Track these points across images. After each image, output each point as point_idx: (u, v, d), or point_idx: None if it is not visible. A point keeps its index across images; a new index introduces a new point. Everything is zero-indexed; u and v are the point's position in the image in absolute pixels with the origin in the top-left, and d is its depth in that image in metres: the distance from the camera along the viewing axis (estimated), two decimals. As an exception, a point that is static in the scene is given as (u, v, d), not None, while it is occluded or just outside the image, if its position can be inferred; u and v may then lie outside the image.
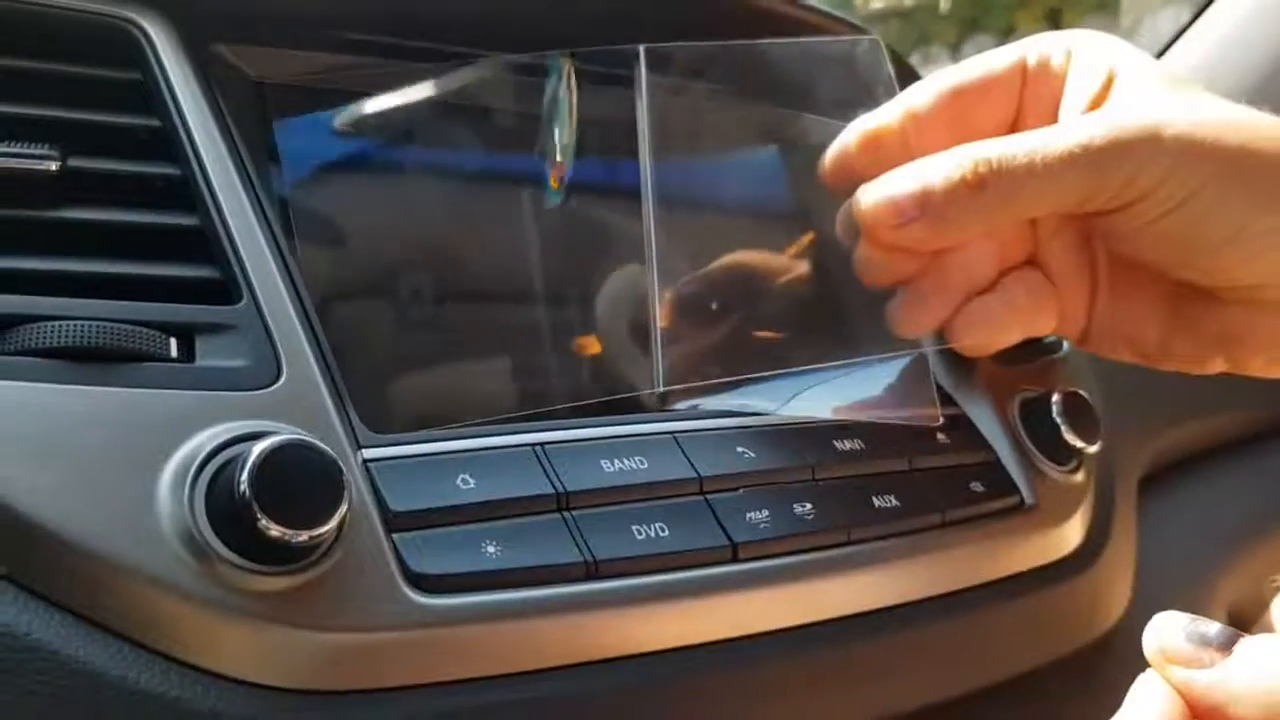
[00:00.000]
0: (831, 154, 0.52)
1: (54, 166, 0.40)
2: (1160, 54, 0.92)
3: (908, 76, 0.56)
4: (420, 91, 0.51)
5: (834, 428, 0.49)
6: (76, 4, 0.43)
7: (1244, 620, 0.78)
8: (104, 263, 0.40)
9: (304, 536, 0.34)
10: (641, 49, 0.52)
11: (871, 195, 0.49)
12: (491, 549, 0.39)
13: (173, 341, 0.39)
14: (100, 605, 0.34)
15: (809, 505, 0.46)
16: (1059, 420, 0.54)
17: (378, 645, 0.36)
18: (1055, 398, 0.55)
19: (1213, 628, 0.34)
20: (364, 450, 0.39)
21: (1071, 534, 0.55)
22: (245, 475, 0.34)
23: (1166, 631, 0.34)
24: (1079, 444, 0.54)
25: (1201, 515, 0.75)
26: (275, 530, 0.34)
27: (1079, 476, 0.55)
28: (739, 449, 0.46)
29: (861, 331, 0.54)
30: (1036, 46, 0.52)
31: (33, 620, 0.34)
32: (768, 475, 0.46)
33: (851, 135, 0.52)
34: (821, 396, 0.51)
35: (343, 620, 0.36)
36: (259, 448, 0.34)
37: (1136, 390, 0.64)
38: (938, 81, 0.52)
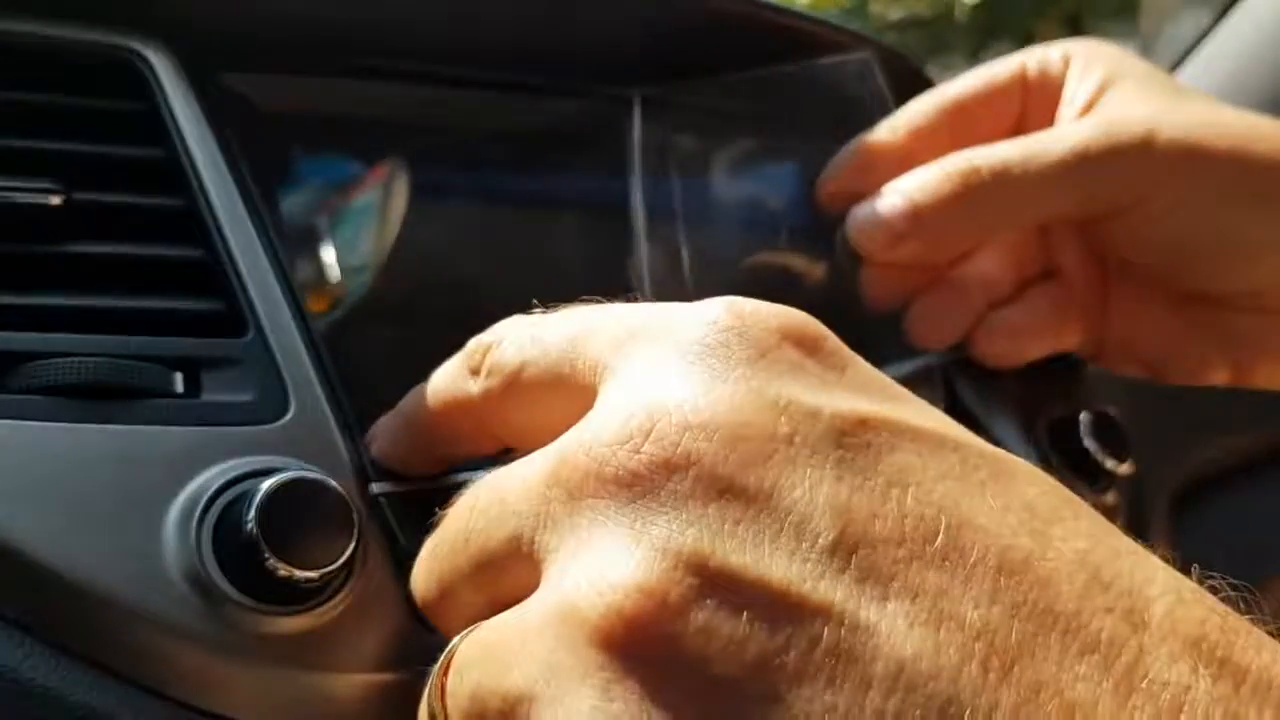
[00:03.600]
0: (827, 175, 0.51)
1: (58, 200, 0.39)
2: (1180, 61, 0.91)
3: (926, 87, 0.55)
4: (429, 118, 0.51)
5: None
6: (79, 35, 0.43)
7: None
8: (108, 297, 0.39)
9: (313, 575, 0.33)
10: (637, 99, 0.52)
11: (862, 216, 0.48)
12: (505, 585, 0.38)
13: (178, 376, 0.38)
14: (105, 648, 0.33)
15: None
16: (1088, 441, 0.53)
17: (390, 686, 0.35)
18: (1083, 417, 0.53)
19: None
20: (374, 485, 0.38)
21: (1103, 557, 0.53)
22: (252, 513, 0.33)
23: None
24: (1110, 465, 0.53)
25: (1235, 533, 0.74)
26: (283, 570, 0.33)
27: (1110, 498, 0.54)
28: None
29: (881, 342, 0.53)
30: (1036, 56, 0.51)
31: (37, 663, 0.33)
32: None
33: (846, 155, 0.51)
34: None
35: (353, 661, 0.35)
36: (266, 485, 0.34)
37: (1166, 407, 0.63)
38: (939, 95, 0.51)
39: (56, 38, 0.42)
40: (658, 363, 0.28)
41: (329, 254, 0.49)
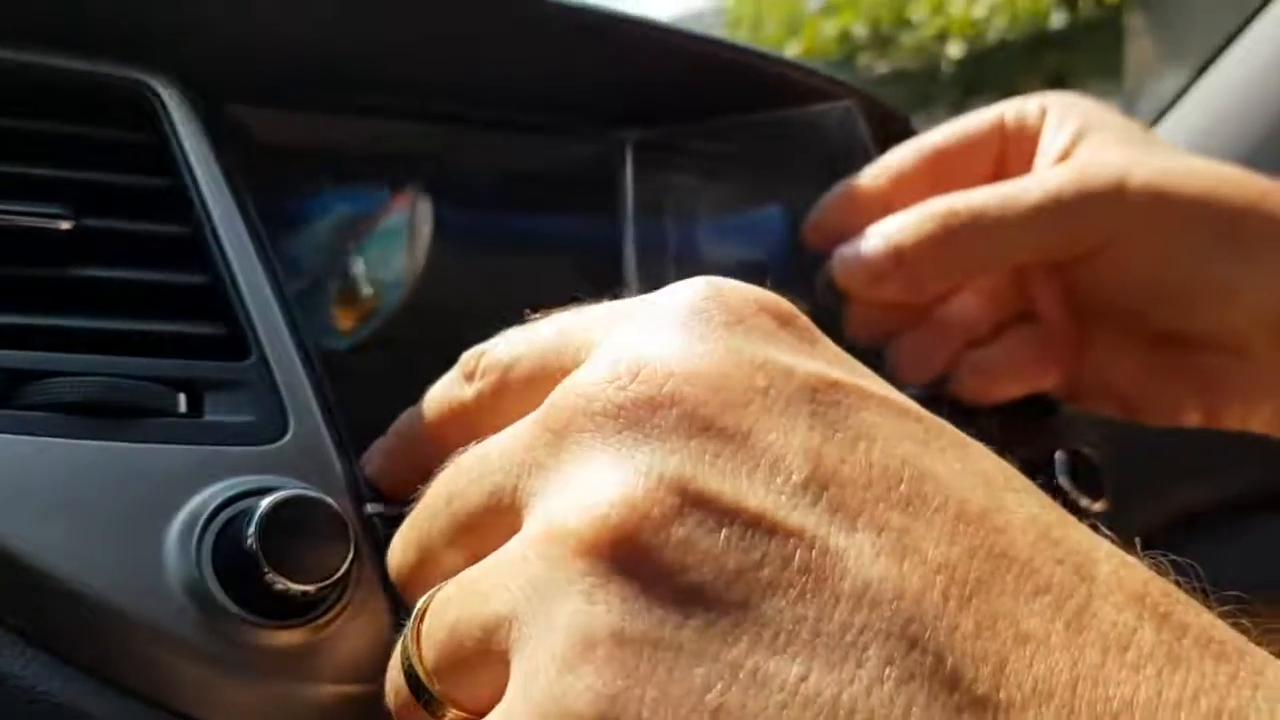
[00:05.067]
0: (813, 217, 0.53)
1: (67, 225, 0.41)
2: (1159, 117, 0.93)
3: (907, 135, 0.57)
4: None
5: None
6: (92, 68, 0.44)
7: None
8: (115, 320, 0.40)
9: (310, 589, 0.34)
10: (629, 143, 0.54)
11: (846, 255, 0.50)
12: (497, 602, 0.39)
13: (181, 397, 0.39)
14: (107, 658, 0.34)
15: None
16: (1063, 480, 0.54)
17: (382, 697, 0.36)
18: (1059, 456, 0.54)
19: None
20: (369, 505, 0.39)
21: (1078, 595, 0.54)
22: (252, 529, 0.34)
23: None
24: (1084, 503, 0.54)
25: (1212, 575, 0.74)
26: (281, 584, 0.34)
27: (1084, 536, 0.55)
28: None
29: None
30: (1014, 106, 0.53)
31: (39, 672, 0.34)
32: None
33: (832, 198, 0.53)
34: None
35: (347, 674, 0.36)
36: (266, 502, 0.35)
37: (1143, 449, 0.64)
38: (920, 143, 0.53)
39: (70, 70, 0.44)
40: (642, 327, 0.29)
41: (359, 273, 0.50)
